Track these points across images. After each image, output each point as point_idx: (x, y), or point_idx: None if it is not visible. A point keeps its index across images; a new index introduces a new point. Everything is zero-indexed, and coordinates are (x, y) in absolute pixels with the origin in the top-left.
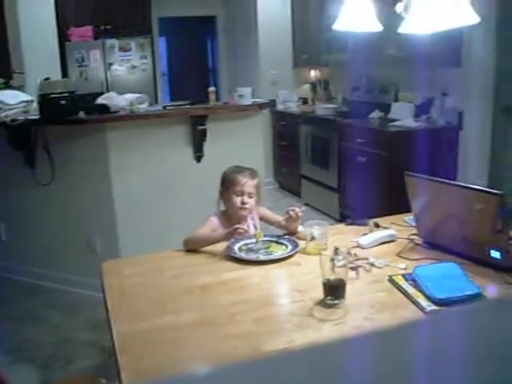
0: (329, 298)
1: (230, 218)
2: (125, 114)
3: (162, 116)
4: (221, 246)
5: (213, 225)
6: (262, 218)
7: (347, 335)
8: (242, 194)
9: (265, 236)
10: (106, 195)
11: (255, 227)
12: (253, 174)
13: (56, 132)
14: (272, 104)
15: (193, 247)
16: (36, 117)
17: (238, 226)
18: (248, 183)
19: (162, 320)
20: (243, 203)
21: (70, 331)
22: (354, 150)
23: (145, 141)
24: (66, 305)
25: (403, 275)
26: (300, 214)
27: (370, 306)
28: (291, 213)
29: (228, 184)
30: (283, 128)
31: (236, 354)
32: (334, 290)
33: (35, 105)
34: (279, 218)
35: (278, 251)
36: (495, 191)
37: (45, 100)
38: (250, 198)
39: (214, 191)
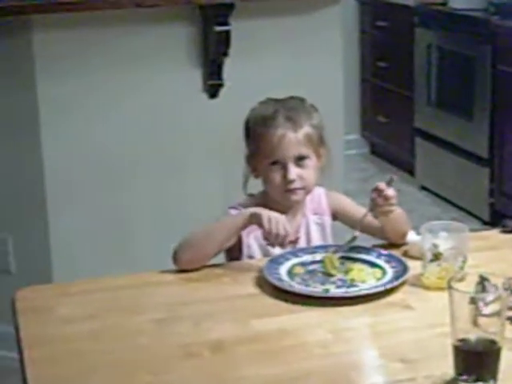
0: (465, 377)
1: (271, 208)
2: None
3: (144, 4)
4: (250, 266)
5: None
6: (336, 214)
7: None
8: (281, 163)
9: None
10: (30, 161)
11: (323, 234)
12: (297, 113)
13: None
14: None
15: (193, 259)
16: None
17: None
18: (289, 138)
19: None
20: (288, 181)
21: None
22: None
23: (110, 53)
24: None
25: None
26: (390, 192)
27: None
28: (373, 195)
29: (254, 146)
30: (383, 35)
31: None
32: (477, 361)
33: None
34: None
35: (367, 280)
36: None
37: None
38: (301, 165)
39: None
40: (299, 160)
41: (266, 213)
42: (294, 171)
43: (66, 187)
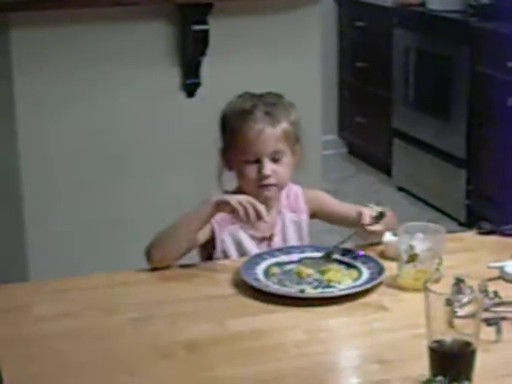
0: (440, 378)
1: None
2: None
3: (123, 2)
4: (225, 266)
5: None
6: (315, 212)
7: None
8: (257, 158)
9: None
10: (6, 159)
11: (299, 233)
12: (276, 108)
13: None
14: None
15: (164, 256)
16: None
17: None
18: (266, 133)
19: None
20: (262, 176)
21: None
22: (504, 84)
23: (88, 52)
24: None
25: None
26: (377, 228)
27: None
28: (359, 229)
29: (230, 139)
30: (361, 35)
31: None
32: (452, 363)
33: None
34: (349, 207)
35: (343, 281)
36: None
37: None
38: (277, 161)
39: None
40: (275, 155)
41: (232, 196)
42: (269, 167)
43: (43, 184)
